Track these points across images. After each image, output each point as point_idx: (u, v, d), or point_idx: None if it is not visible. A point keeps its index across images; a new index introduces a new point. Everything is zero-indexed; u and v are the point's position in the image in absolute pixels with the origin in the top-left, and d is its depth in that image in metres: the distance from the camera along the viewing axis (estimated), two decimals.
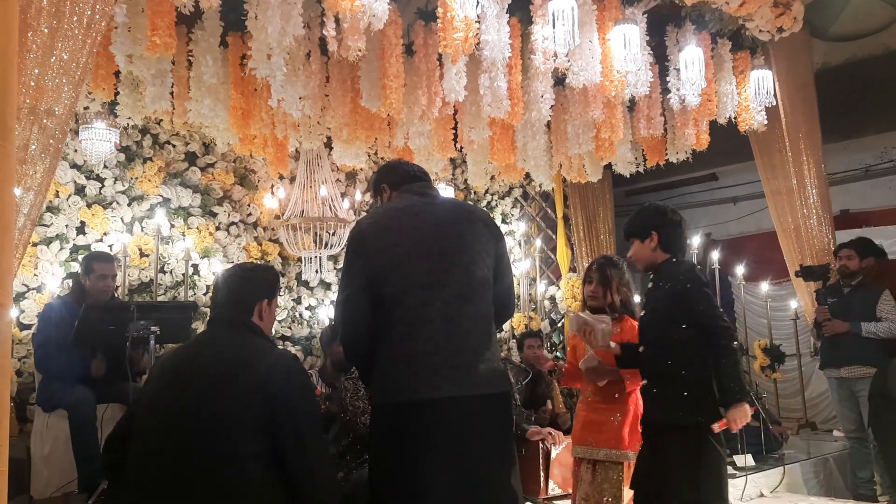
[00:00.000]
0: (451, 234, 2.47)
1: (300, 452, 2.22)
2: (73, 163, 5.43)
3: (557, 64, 4.25)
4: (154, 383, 2.42)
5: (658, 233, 2.94)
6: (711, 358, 2.72)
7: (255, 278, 2.53)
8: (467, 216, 2.56)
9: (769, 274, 7.10)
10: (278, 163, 5.48)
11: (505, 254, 2.60)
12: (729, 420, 2.66)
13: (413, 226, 2.48)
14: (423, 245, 2.43)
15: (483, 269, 2.46)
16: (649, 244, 2.94)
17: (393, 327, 2.36)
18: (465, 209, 2.66)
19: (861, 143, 7.26)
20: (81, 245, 5.43)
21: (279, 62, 4.02)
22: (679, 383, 2.76)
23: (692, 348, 2.75)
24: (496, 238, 2.56)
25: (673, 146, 5.83)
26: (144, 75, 4.43)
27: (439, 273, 2.39)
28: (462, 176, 7.41)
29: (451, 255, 2.43)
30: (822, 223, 5.97)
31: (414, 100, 4.47)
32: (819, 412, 7.00)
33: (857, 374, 5.12)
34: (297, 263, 6.49)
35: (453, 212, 2.58)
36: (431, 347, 2.32)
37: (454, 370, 2.32)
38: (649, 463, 2.84)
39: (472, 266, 2.44)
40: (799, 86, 5.87)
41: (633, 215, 3.11)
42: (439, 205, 2.61)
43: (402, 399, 2.31)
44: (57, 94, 2.51)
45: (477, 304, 2.42)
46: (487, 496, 2.31)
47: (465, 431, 2.29)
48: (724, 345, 2.72)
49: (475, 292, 2.42)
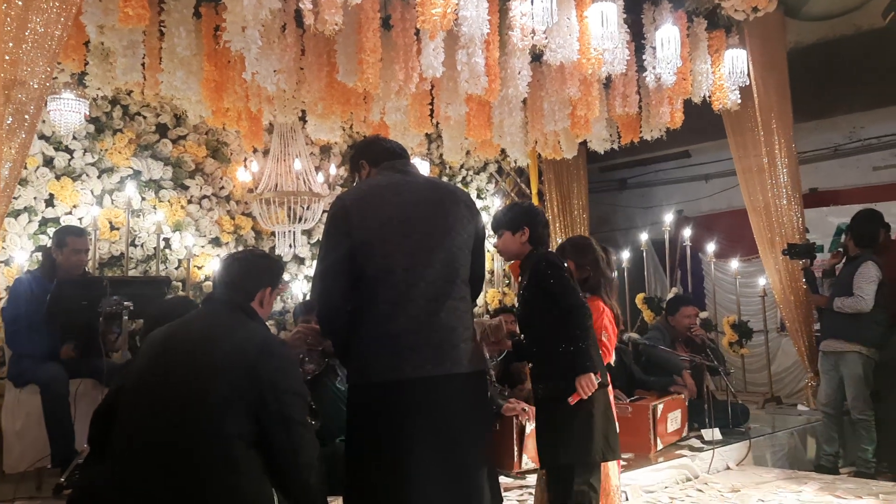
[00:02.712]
0: (434, 215, 2.47)
1: (286, 433, 2.24)
2: (40, 133, 5.30)
3: (535, 41, 4.24)
4: (144, 359, 2.42)
5: (529, 228, 3.07)
6: (568, 333, 2.88)
7: (263, 265, 2.57)
8: (450, 197, 2.57)
9: (739, 251, 7.22)
10: (252, 136, 5.42)
11: (483, 234, 2.63)
12: (578, 387, 2.84)
13: (397, 204, 2.47)
14: (408, 224, 2.43)
15: (465, 250, 2.50)
16: (520, 237, 3.07)
17: (376, 305, 2.36)
18: (447, 189, 2.66)
19: (830, 122, 7.36)
20: (50, 218, 5.34)
21: (254, 35, 3.95)
22: (552, 361, 2.94)
23: (558, 329, 2.91)
24: (475, 218, 2.58)
25: (647, 124, 5.87)
26: (116, 46, 4.33)
27: (424, 253, 2.40)
28: (437, 151, 7.39)
29: (436, 236, 2.44)
30: (792, 201, 6.07)
31: (391, 75, 4.44)
32: (784, 386, 7.16)
33: (830, 347, 5.22)
34: (271, 238, 6.45)
35: (436, 191, 2.58)
36: (414, 326, 2.33)
37: (436, 349, 2.34)
38: (538, 433, 3.04)
39: (454, 247, 2.46)
40: (772, 65, 5.93)
41: (507, 209, 3.23)
42: (422, 184, 2.61)
43: (383, 378, 2.32)
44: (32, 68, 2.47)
45: (458, 285, 2.45)
46: (467, 472, 2.34)
47: (446, 410, 2.32)
48: (579, 322, 2.88)
49: (457, 273, 2.45)
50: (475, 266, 2.58)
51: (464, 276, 2.49)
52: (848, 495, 4.27)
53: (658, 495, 4.25)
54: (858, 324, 5.03)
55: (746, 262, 7.27)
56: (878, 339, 5.02)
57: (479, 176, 8.18)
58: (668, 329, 5.60)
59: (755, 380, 7.08)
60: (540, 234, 3.11)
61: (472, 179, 8.12)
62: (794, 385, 7.12)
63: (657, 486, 4.36)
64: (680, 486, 4.44)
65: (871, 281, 4.99)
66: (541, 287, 2.97)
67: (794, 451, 5.42)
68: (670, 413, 4.91)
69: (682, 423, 5.10)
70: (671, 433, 4.93)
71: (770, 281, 6.33)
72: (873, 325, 5.02)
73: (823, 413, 5.35)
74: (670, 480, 4.47)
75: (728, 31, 5.42)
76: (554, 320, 2.92)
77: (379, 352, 2.34)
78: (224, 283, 2.52)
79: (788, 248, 5.74)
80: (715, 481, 4.54)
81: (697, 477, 4.61)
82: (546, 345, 2.97)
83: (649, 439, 4.63)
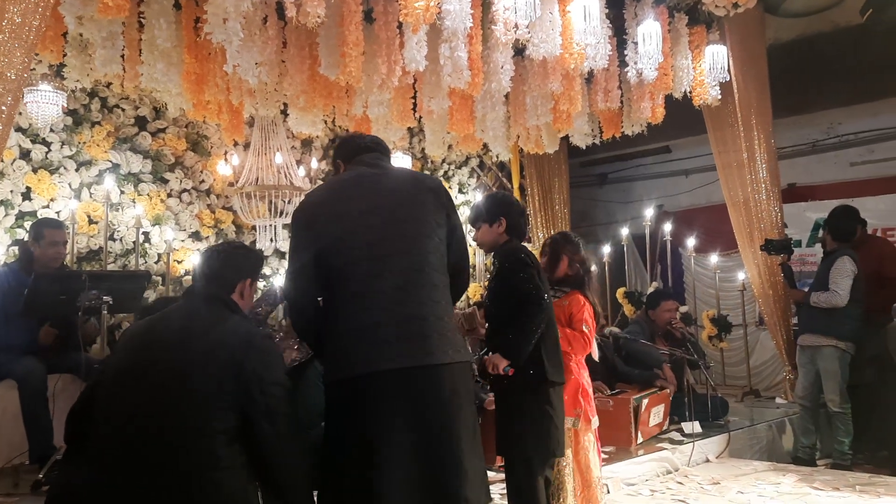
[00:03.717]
0: (399, 204, 2.44)
1: (272, 427, 2.23)
2: (17, 126, 5.22)
3: (518, 35, 4.23)
4: (121, 354, 2.39)
5: (506, 218, 3.08)
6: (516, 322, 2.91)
7: (242, 256, 2.57)
8: (415, 185, 2.52)
9: (718, 246, 7.28)
10: (233, 129, 5.37)
11: (457, 223, 2.55)
12: (486, 361, 2.93)
13: (360, 195, 2.45)
14: (372, 215, 2.40)
15: (434, 238, 2.43)
16: (497, 228, 3.08)
17: (345, 300, 2.34)
18: (413, 178, 2.63)
19: (808, 118, 7.46)
20: (28, 211, 5.27)
21: (235, 27, 3.93)
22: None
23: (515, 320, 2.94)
24: (446, 206, 2.51)
25: (629, 119, 5.90)
26: (95, 37, 4.27)
27: (389, 243, 2.37)
28: (419, 145, 7.38)
29: (400, 225, 2.40)
30: (771, 197, 6.14)
31: (373, 68, 4.42)
32: (763, 380, 7.25)
33: (807, 342, 5.27)
34: (252, 232, 6.41)
35: (402, 181, 2.55)
36: (384, 318, 2.30)
37: (406, 341, 2.29)
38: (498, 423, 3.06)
39: (421, 235, 2.41)
40: (752, 61, 5.98)
41: (483, 201, 3.23)
42: (389, 175, 2.57)
43: (355, 372, 2.29)
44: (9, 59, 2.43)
45: (428, 273, 2.39)
46: (446, 467, 2.28)
47: (421, 402, 2.27)
48: (529, 311, 2.90)
49: (426, 262, 2.39)
50: (451, 253, 2.50)
51: (435, 265, 2.42)
52: (825, 486, 4.32)
53: (639, 488, 4.28)
54: (833, 318, 5.08)
55: (726, 257, 7.34)
56: (852, 333, 5.07)
57: (461, 170, 8.18)
58: (648, 323, 5.63)
59: (734, 373, 7.16)
60: (517, 224, 3.11)
61: (453, 174, 8.12)
62: (772, 378, 7.21)
63: (638, 478, 4.40)
64: (660, 479, 4.48)
65: (846, 276, 5.04)
66: (505, 279, 2.99)
67: (772, 444, 5.48)
68: (654, 408, 4.95)
69: (665, 417, 5.14)
70: (653, 426, 4.96)
71: (749, 275, 6.40)
72: (848, 319, 5.06)
73: (801, 406, 5.41)
74: (651, 473, 4.50)
75: (709, 27, 5.46)
76: (511, 311, 2.93)
77: (350, 346, 2.31)
78: (204, 276, 2.50)
79: (766, 243, 5.80)
80: (695, 474, 4.58)
81: (678, 469, 4.65)
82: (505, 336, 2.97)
83: (630, 433, 4.66)
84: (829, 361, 5.10)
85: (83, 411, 2.34)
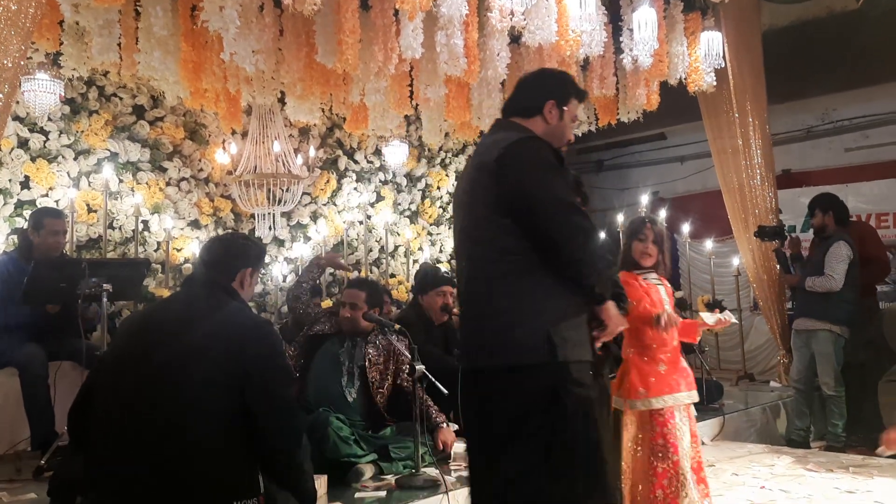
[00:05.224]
0: (463, 190, 2.36)
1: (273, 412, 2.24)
2: (14, 115, 5.23)
3: (514, 22, 4.25)
4: (121, 341, 2.40)
5: None
6: None
7: (244, 245, 2.58)
8: (474, 163, 2.31)
9: (713, 232, 7.33)
10: (230, 118, 5.38)
11: (517, 193, 2.14)
12: None
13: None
14: (454, 203, 2.44)
15: (488, 219, 2.18)
16: None
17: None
18: (478, 157, 2.31)
19: (803, 104, 7.47)
20: (26, 200, 5.29)
21: (232, 15, 3.94)
22: None
23: None
24: (500, 180, 2.15)
25: (624, 106, 5.91)
26: (91, 25, 4.28)
27: (456, 234, 2.40)
28: (416, 133, 7.40)
29: (459, 212, 2.37)
30: (766, 182, 6.16)
31: (370, 56, 4.43)
32: (757, 364, 7.30)
33: (802, 326, 5.30)
34: (251, 220, 6.43)
35: (473, 158, 2.36)
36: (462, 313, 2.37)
37: (467, 339, 2.33)
38: None
39: (475, 217, 2.25)
40: (747, 47, 5.99)
41: None
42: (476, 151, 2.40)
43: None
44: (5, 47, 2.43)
45: (483, 264, 2.20)
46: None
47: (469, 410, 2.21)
48: None
49: (482, 249, 2.21)
50: (533, 231, 2.11)
51: (493, 252, 2.15)
52: (819, 468, 4.37)
53: None
54: (828, 303, 5.11)
55: (720, 243, 7.38)
56: (847, 317, 5.11)
57: (458, 158, 8.19)
58: None
59: (729, 357, 7.21)
60: None
61: (450, 161, 8.14)
62: (766, 362, 7.26)
63: None
64: None
65: (841, 260, 5.07)
66: None
67: (767, 426, 5.53)
68: None
69: None
70: None
71: (743, 261, 6.44)
72: (842, 303, 5.10)
73: (795, 389, 5.45)
74: None
75: (704, 14, 5.46)
76: None
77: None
78: (205, 263, 2.51)
79: (759, 230, 5.83)
80: None
81: None
82: None
83: None
84: (824, 345, 5.14)
85: (84, 402, 2.33)
